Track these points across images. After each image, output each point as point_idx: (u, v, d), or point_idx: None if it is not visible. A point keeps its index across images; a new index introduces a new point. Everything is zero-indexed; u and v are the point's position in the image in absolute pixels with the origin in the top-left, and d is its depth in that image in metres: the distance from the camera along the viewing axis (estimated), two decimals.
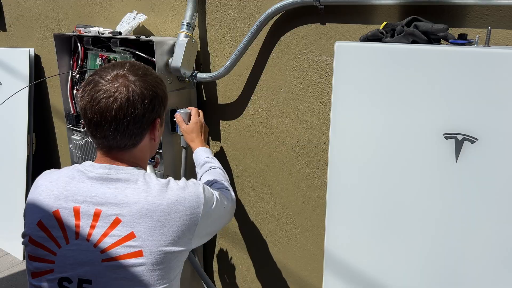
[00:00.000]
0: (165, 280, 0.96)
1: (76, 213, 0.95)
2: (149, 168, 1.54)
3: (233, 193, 1.29)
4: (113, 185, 0.97)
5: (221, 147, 1.89)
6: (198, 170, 1.43)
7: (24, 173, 2.65)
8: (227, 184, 1.32)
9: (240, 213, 1.92)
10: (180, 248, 0.98)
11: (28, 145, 2.63)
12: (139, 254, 0.92)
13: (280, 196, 1.75)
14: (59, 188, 0.98)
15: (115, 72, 0.97)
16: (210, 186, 1.28)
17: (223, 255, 2.07)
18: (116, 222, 0.93)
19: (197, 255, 2.03)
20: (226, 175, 1.40)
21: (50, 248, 0.95)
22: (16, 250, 2.79)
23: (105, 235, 0.93)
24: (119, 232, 0.93)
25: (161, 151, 1.71)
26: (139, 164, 1.05)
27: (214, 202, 1.09)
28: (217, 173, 1.37)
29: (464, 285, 1.08)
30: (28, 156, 2.65)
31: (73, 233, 0.95)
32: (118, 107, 0.94)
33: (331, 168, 1.22)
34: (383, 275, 1.19)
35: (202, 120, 1.62)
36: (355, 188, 1.19)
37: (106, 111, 0.94)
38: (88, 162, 1.02)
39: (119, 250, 0.92)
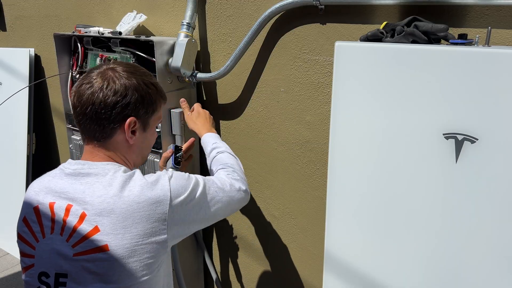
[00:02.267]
0: (143, 272, 0.96)
1: (51, 208, 0.99)
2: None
3: (238, 177, 1.22)
4: (84, 179, 0.99)
5: None
6: (207, 161, 1.37)
7: (24, 173, 2.65)
8: (231, 170, 1.25)
9: (240, 213, 1.92)
10: (151, 239, 0.96)
11: (28, 145, 2.63)
12: (105, 248, 0.93)
13: (280, 196, 1.75)
14: (41, 186, 1.03)
15: (105, 66, 1.04)
16: (214, 174, 1.25)
17: (223, 255, 2.07)
18: (82, 217, 0.96)
19: (201, 254, 2.03)
20: (236, 158, 1.32)
21: (30, 243, 1.00)
22: (16, 250, 2.78)
23: (74, 229, 0.96)
24: (85, 226, 0.95)
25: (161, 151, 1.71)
26: (116, 162, 1.05)
27: (190, 189, 1.04)
28: (224, 158, 1.30)
29: (464, 285, 1.08)
30: (28, 156, 2.65)
31: (48, 228, 0.98)
32: (91, 92, 0.99)
33: (331, 168, 1.22)
34: (383, 275, 1.19)
35: (207, 112, 1.60)
36: (355, 188, 1.19)
37: (82, 95, 1.00)
38: (68, 160, 1.05)
39: (87, 245, 0.94)
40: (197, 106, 1.62)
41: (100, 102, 0.99)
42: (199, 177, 1.11)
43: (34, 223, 1.00)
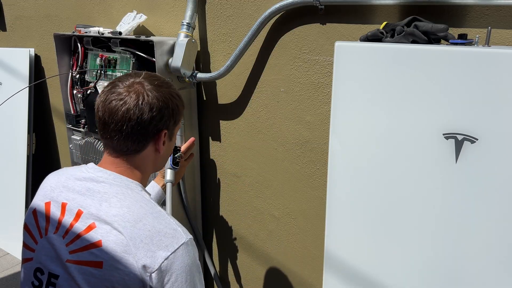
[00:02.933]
0: None
1: (63, 208, 0.98)
2: (169, 173, 1.50)
3: None
4: (103, 189, 0.98)
5: (221, 147, 1.89)
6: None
7: (24, 173, 2.65)
8: None
9: (240, 213, 1.92)
10: (140, 277, 0.91)
11: (28, 145, 2.63)
12: (99, 264, 0.92)
13: (280, 196, 1.75)
14: (57, 182, 1.02)
15: (132, 79, 1.02)
16: None
17: (223, 255, 2.07)
18: (91, 227, 0.94)
19: (201, 254, 2.03)
20: None
21: (34, 236, 1.00)
22: (16, 250, 2.79)
23: (78, 236, 0.94)
24: (90, 237, 0.94)
25: None
26: (139, 173, 1.04)
27: (190, 273, 0.96)
28: None
29: (464, 285, 1.08)
30: (28, 156, 2.65)
31: (54, 227, 0.98)
32: (126, 109, 0.97)
33: (331, 168, 1.22)
34: (383, 275, 1.19)
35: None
36: (355, 188, 1.19)
37: (114, 112, 0.98)
38: (92, 164, 1.04)
39: (84, 255, 0.93)
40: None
41: (137, 118, 0.98)
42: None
43: (42, 218, 1.00)
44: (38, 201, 1.03)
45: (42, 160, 2.83)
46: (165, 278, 0.94)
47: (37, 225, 1.00)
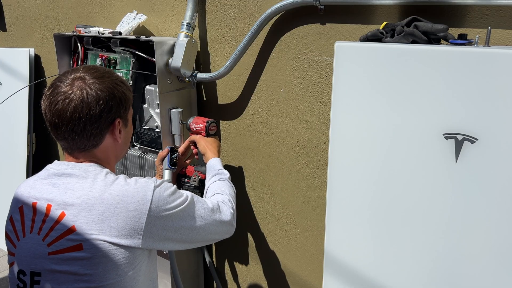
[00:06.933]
0: (111, 275, 0.96)
1: (34, 208, 1.01)
2: (167, 173, 1.51)
3: (231, 210, 1.22)
4: (66, 179, 1.01)
5: (221, 147, 1.88)
6: (207, 182, 1.39)
7: (24, 173, 2.65)
8: (227, 199, 1.25)
9: (240, 213, 1.92)
10: (124, 243, 0.96)
11: (28, 145, 2.63)
12: (79, 247, 0.95)
13: (280, 196, 1.75)
14: (26, 187, 1.05)
15: (72, 76, 1.02)
16: (210, 197, 1.27)
17: (223, 255, 2.07)
18: (61, 216, 0.97)
19: (201, 253, 2.03)
20: (234, 191, 1.35)
21: (13, 241, 1.03)
22: None
23: (51, 229, 0.97)
24: (62, 226, 0.97)
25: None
26: (101, 164, 1.07)
27: (173, 205, 1.03)
28: (224, 185, 1.33)
29: (464, 285, 1.08)
30: (28, 156, 2.65)
31: (29, 227, 1.00)
32: (73, 108, 0.99)
33: (331, 168, 1.22)
34: (383, 275, 1.19)
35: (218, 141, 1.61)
36: (355, 188, 1.19)
37: (62, 113, 0.99)
38: (55, 161, 1.07)
39: (62, 243, 0.96)
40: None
41: (86, 114, 0.99)
42: (189, 195, 1.10)
43: (18, 222, 1.02)
44: (13, 208, 1.05)
45: (42, 160, 2.83)
46: (160, 225, 1.01)
47: (15, 230, 1.03)
